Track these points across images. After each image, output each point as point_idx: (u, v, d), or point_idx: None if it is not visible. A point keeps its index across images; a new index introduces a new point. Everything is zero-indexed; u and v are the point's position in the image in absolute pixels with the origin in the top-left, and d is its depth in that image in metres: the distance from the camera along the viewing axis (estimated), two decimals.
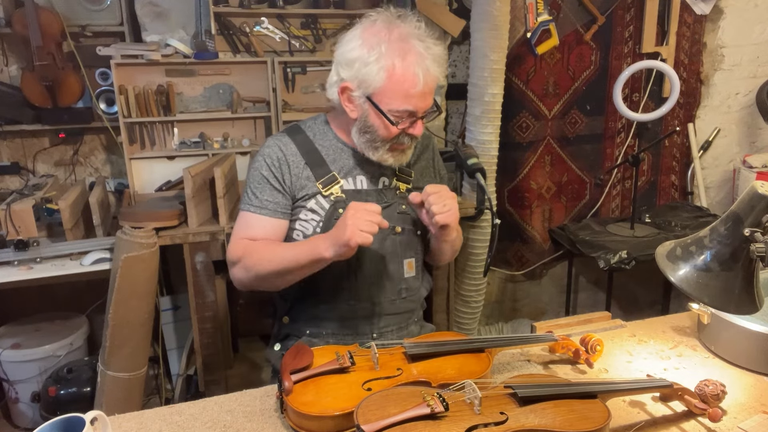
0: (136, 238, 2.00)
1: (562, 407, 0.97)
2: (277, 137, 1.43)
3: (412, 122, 1.31)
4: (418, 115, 1.31)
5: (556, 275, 3.23)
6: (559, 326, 1.40)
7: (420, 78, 1.25)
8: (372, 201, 1.38)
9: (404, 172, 1.47)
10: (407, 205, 1.42)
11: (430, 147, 1.56)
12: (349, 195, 1.38)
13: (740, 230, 0.98)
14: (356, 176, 1.42)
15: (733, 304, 1.02)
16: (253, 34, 2.66)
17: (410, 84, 1.26)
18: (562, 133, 2.98)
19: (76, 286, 2.63)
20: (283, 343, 1.48)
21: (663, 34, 2.98)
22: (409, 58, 1.25)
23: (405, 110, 1.29)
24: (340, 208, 1.35)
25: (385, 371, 1.11)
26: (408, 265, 1.44)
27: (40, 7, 2.38)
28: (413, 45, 1.26)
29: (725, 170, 3.34)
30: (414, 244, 1.46)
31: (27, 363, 2.39)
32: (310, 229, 1.38)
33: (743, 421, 1.03)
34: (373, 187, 1.42)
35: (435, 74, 1.28)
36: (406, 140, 1.35)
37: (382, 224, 1.22)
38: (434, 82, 1.29)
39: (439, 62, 1.30)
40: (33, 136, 2.67)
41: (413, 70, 1.25)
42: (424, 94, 1.28)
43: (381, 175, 1.44)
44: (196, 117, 2.68)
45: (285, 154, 1.40)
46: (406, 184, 1.46)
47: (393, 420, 0.90)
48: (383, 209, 1.38)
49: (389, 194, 1.43)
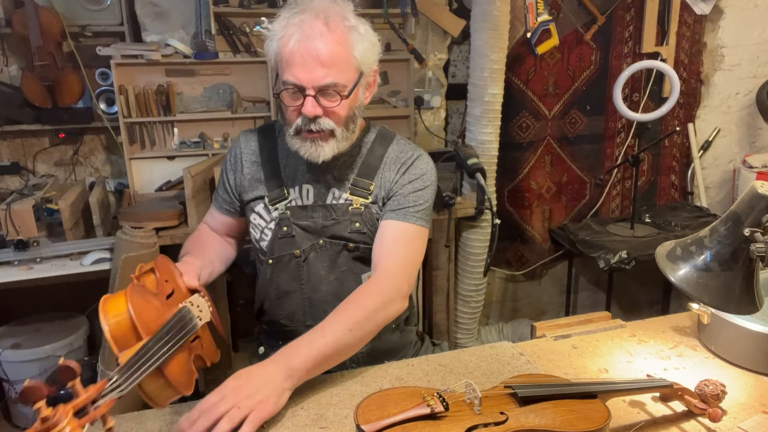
0: (136, 238, 2.00)
1: (562, 407, 0.97)
2: (248, 133, 1.41)
3: (303, 99, 1.17)
4: (307, 91, 1.16)
5: (556, 275, 3.23)
6: (559, 326, 1.40)
7: (297, 41, 1.14)
8: (317, 218, 1.32)
9: (359, 184, 1.33)
10: (361, 222, 1.31)
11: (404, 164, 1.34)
12: (293, 212, 1.32)
13: (740, 230, 0.98)
14: (302, 185, 1.33)
15: (733, 304, 1.02)
16: (253, 34, 2.66)
17: (290, 52, 1.15)
18: (562, 133, 2.98)
19: (76, 286, 2.62)
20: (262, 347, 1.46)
21: (663, 34, 2.98)
22: (294, 22, 1.16)
23: (288, 81, 1.17)
24: (284, 226, 1.32)
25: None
26: (366, 278, 1.34)
27: (40, 7, 2.38)
28: (306, 16, 1.16)
29: (725, 170, 3.34)
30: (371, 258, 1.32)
31: (27, 363, 2.39)
32: (258, 234, 1.37)
33: (743, 421, 1.03)
34: (321, 201, 1.33)
35: (326, 48, 1.14)
36: (311, 126, 1.20)
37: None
38: (327, 57, 1.14)
39: (338, 35, 1.16)
40: (33, 136, 2.67)
41: (296, 33, 1.14)
42: (309, 65, 1.14)
43: (332, 186, 1.33)
44: (196, 117, 2.68)
45: (243, 152, 1.38)
46: (363, 198, 1.32)
47: (393, 420, 0.90)
48: (331, 226, 1.31)
49: (339, 210, 1.32)
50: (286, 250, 1.33)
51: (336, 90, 1.18)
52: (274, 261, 1.35)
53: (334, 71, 1.17)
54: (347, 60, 1.19)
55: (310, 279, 1.34)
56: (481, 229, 2.59)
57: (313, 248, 1.33)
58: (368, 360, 1.32)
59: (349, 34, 1.19)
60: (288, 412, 1.06)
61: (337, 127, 1.22)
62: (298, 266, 1.34)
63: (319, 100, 1.18)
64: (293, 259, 1.34)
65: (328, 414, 1.05)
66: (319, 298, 1.34)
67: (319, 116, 1.19)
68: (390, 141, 1.38)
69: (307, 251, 1.33)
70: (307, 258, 1.34)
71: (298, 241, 1.33)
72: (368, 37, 1.23)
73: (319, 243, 1.33)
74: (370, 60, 1.24)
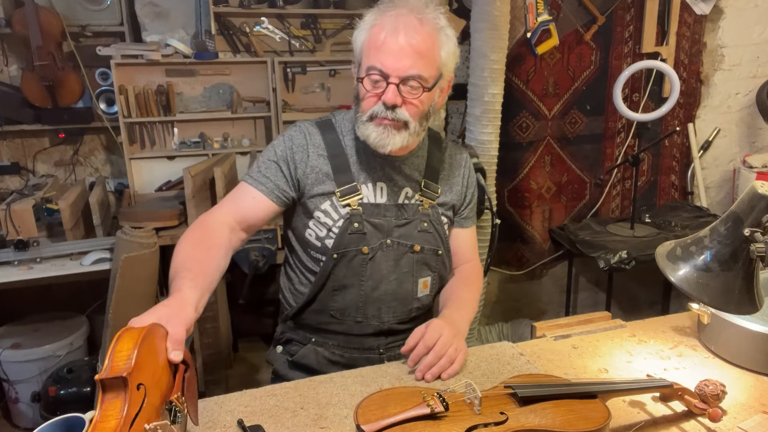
0: (136, 238, 2.00)
1: (562, 407, 0.97)
2: (307, 125, 1.36)
3: (385, 87, 1.20)
4: (390, 79, 1.19)
5: (556, 275, 3.23)
6: (559, 326, 1.40)
7: (389, 31, 1.18)
8: (390, 218, 1.33)
9: (429, 187, 1.38)
10: (429, 222, 1.36)
11: (464, 164, 1.46)
12: (366, 209, 1.31)
13: (740, 230, 0.98)
14: (377, 182, 1.33)
15: (733, 304, 1.02)
16: (253, 34, 2.66)
17: (382, 38, 1.18)
18: (562, 133, 2.98)
19: (76, 286, 2.63)
20: (285, 347, 1.46)
21: (663, 34, 2.98)
22: (389, 14, 1.20)
23: (373, 67, 1.19)
24: (355, 222, 1.29)
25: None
26: (423, 284, 1.38)
27: (40, 7, 2.38)
28: (401, 11, 1.20)
29: (725, 170, 3.34)
30: (433, 263, 1.38)
31: (27, 363, 2.39)
32: (323, 233, 1.32)
33: (743, 421, 1.03)
34: (393, 201, 1.34)
35: (416, 39, 1.18)
36: (387, 113, 1.21)
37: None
38: (416, 48, 1.18)
39: (428, 30, 1.20)
40: (33, 136, 2.67)
41: (388, 25, 1.19)
42: (397, 54, 1.18)
43: (404, 186, 1.35)
44: (196, 117, 2.68)
45: (308, 143, 1.33)
46: (430, 200, 1.37)
47: (393, 420, 0.90)
48: (402, 226, 1.34)
49: (410, 210, 1.35)
50: (353, 246, 1.31)
51: (419, 82, 1.21)
52: (339, 256, 1.32)
53: (420, 64, 1.20)
54: (433, 57, 1.22)
55: (372, 276, 1.33)
56: (481, 229, 2.58)
57: (380, 247, 1.33)
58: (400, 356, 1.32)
59: (439, 34, 1.23)
60: (288, 412, 1.06)
61: (412, 120, 1.24)
62: (362, 263, 1.32)
63: (400, 89, 1.21)
64: (359, 255, 1.32)
65: (328, 414, 1.05)
66: (377, 296, 1.34)
67: (397, 105, 1.22)
68: (440, 141, 1.45)
69: (375, 249, 1.32)
70: (374, 256, 1.33)
71: (368, 238, 1.31)
72: (453, 41, 1.27)
73: (386, 242, 1.33)
74: (450, 64, 1.28)
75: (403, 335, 1.34)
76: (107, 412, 0.79)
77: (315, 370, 1.37)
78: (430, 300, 1.44)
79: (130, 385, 0.80)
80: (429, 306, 1.45)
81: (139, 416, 0.81)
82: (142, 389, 0.83)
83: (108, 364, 0.82)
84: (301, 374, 1.37)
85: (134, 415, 0.80)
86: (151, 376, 0.87)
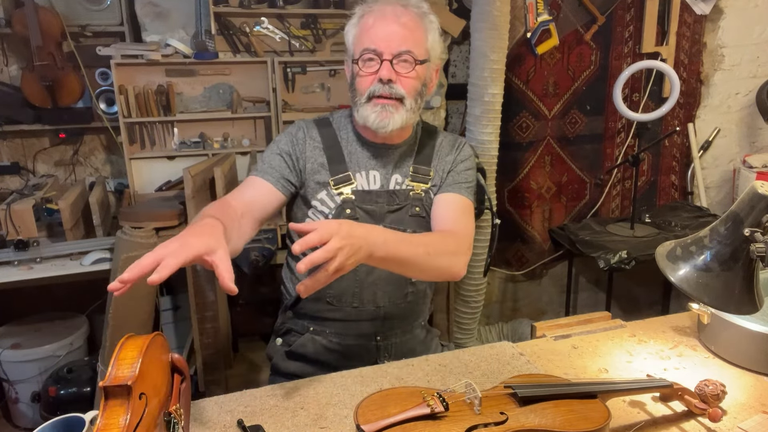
0: (136, 238, 2.00)
1: (562, 407, 0.97)
2: (305, 122, 1.45)
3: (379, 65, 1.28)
4: (384, 56, 1.28)
5: (556, 275, 3.23)
6: (559, 326, 1.40)
7: (378, 16, 1.28)
8: (382, 203, 1.37)
9: (419, 171, 1.42)
10: (421, 207, 1.39)
11: (459, 144, 1.48)
12: (358, 196, 1.37)
13: (740, 230, 0.98)
14: (369, 171, 1.39)
15: (733, 304, 1.02)
16: (253, 34, 2.66)
17: (372, 21, 1.29)
18: (562, 133, 2.98)
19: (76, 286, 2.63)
20: (284, 338, 1.48)
21: (663, 34, 2.98)
22: (375, 6, 1.31)
23: (366, 48, 1.29)
24: (347, 209, 1.35)
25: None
26: None
27: (40, 7, 2.38)
28: (384, 4, 1.31)
29: (725, 170, 3.34)
30: None
31: (27, 363, 2.39)
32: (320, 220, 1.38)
33: (743, 421, 1.03)
34: (384, 187, 1.39)
35: (403, 19, 1.28)
36: (384, 89, 1.28)
37: None
38: (404, 26, 1.28)
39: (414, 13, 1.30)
40: (33, 136, 2.67)
41: (376, 11, 1.29)
42: (388, 33, 1.28)
43: (395, 173, 1.41)
44: (196, 117, 2.68)
45: (306, 137, 1.41)
46: (423, 183, 1.41)
47: (393, 420, 0.90)
48: (394, 212, 1.38)
49: (401, 196, 1.39)
50: None
51: (411, 56, 1.29)
52: None
53: (409, 40, 1.29)
54: (421, 37, 1.32)
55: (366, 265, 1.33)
56: (481, 229, 2.59)
57: None
58: (399, 355, 1.39)
59: (423, 19, 1.33)
60: (288, 412, 1.06)
61: (408, 96, 1.31)
62: None
63: (393, 65, 1.29)
64: None
65: (328, 414, 1.05)
66: (371, 282, 1.38)
67: (392, 81, 1.29)
68: (435, 131, 1.50)
69: None
70: None
71: None
72: (437, 28, 1.36)
73: None
74: (437, 49, 1.37)
75: (398, 320, 1.43)
76: (109, 421, 0.80)
77: (312, 359, 1.41)
78: (424, 286, 1.47)
79: (133, 393, 0.81)
80: (423, 290, 1.47)
81: (139, 426, 0.81)
82: (143, 399, 0.83)
83: (112, 372, 0.83)
84: (299, 365, 1.42)
85: (135, 424, 0.81)
86: (153, 385, 0.88)
